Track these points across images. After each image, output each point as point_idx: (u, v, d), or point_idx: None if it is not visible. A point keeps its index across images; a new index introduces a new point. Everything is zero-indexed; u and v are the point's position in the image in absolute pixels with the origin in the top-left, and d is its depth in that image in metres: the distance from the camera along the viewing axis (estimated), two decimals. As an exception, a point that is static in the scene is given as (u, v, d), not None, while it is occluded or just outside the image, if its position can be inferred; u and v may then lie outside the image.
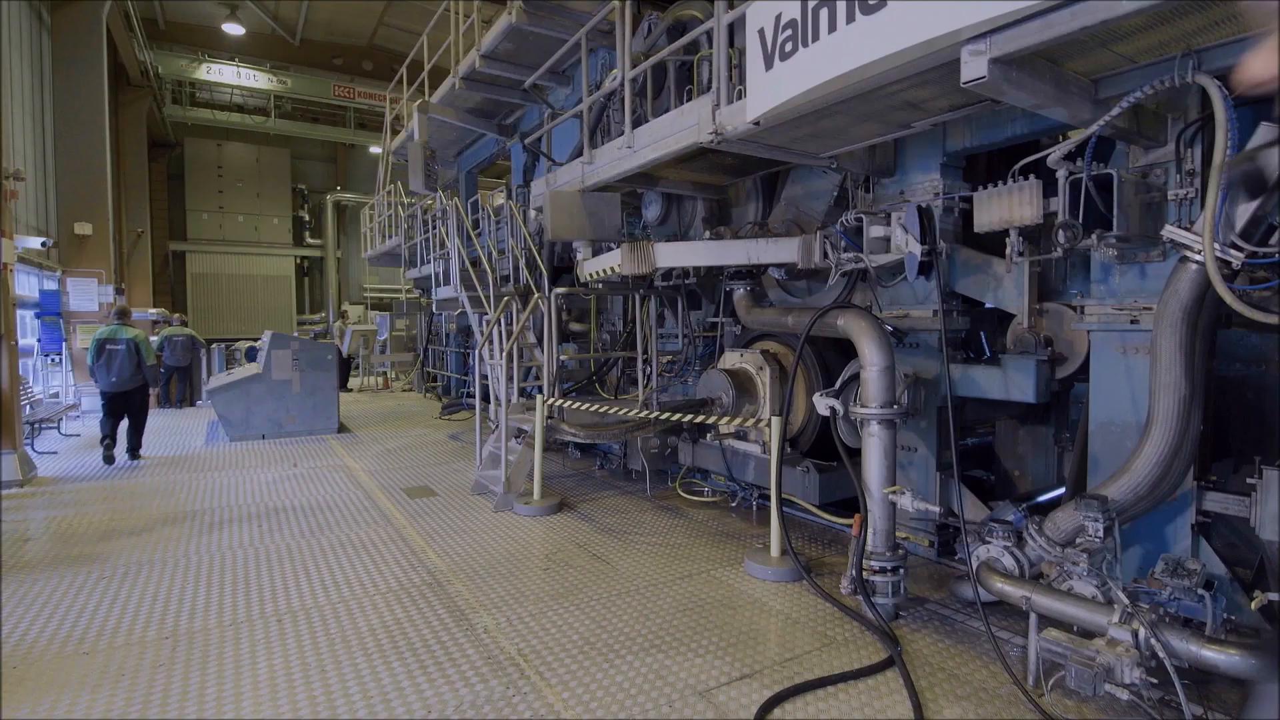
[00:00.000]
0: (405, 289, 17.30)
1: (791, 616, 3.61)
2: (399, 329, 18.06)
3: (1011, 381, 3.99)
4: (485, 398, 7.27)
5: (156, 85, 18.57)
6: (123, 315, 8.17)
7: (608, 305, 8.10)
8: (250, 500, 6.09)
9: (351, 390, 16.23)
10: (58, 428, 9.60)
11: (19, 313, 10.31)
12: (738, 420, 4.68)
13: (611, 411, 5.37)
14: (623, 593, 3.92)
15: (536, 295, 6.05)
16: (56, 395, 11.18)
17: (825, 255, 4.35)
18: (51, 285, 11.38)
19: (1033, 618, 2.88)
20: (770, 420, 4.25)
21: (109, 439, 7.76)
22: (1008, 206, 3.40)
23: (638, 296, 6.17)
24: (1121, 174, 3.08)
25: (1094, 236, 3.06)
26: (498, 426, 6.54)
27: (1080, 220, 3.11)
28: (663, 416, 4.89)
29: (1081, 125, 3.08)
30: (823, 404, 3.96)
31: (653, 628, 3.47)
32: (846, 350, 5.18)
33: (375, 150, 21.26)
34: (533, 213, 7.92)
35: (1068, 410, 4.89)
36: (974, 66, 2.50)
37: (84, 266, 12.03)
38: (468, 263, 8.39)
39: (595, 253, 5.73)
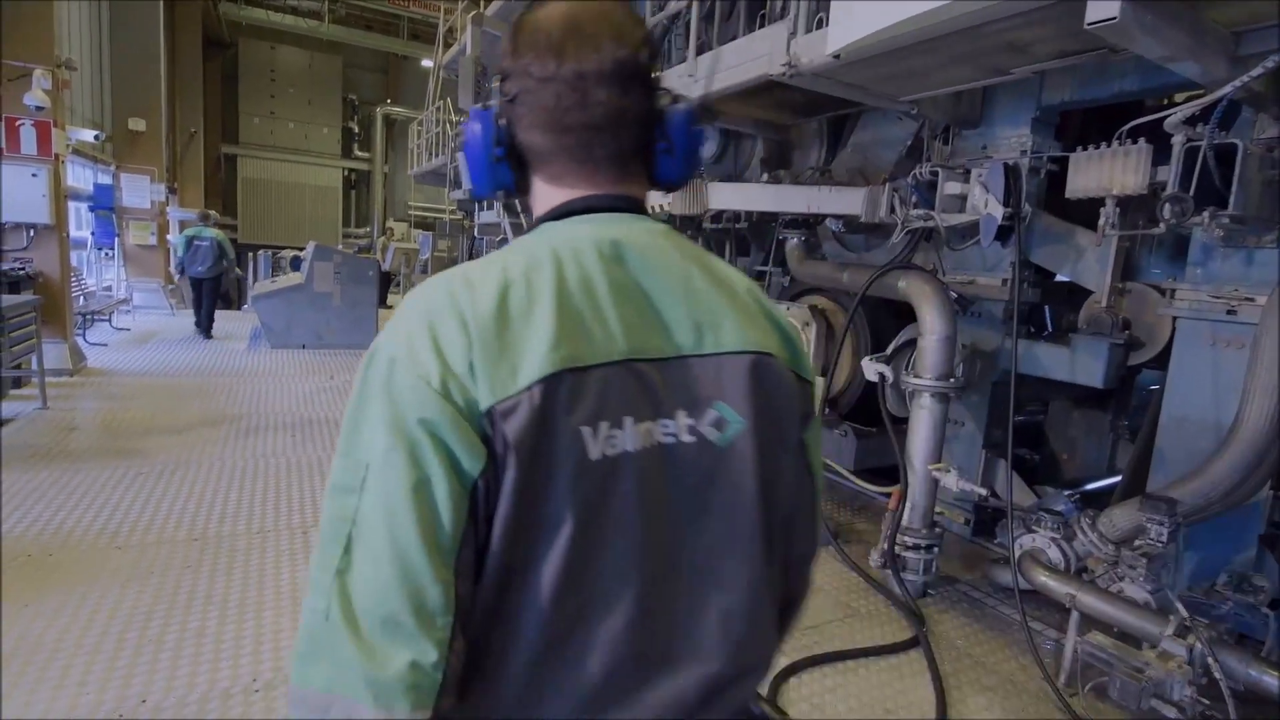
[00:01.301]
0: (449, 209, 17.15)
1: (815, 583, 3.50)
2: (440, 249, 18.03)
3: (1079, 363, 3.72)
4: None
5: (212, -20, 18.24)
6: (205, 218, 10.14)
7: (652, 244, 7.86)
8: (286, 409, 6.18)
9: (391, 307, 16.39)
10: (109, 320, 9.88)
11: (73, 205, 10.49)
12: (778, 377, 4.51)
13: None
14: (644, 540, 3.87)
15: (580, 228, 5.86)
16: (110, 289, 11.47)
17: (892, 210, 4.05)
18: (106, 179, 11.50)
19: (1074, 617, 2.72)
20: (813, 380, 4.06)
21: (202, 320, 9.68)
22: (1109, 172, 3.05)
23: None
24: (1247, 145, 2.72)
25: (1205, 214, 2.73)
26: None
27: (1190, 194, 2.78)
28: (700, 365, 4.73)
29: (1211, 85, 2.70)
30: (871, 369, 3.75)
31: (672, 580, 3.42)
32: (900, 313, 4.91)
33: (427, 64, 20.78)
34: (583, 140, 7.62)
35: (1130, 398, 4.60)
36: (1104, 6, 2.17)
37: (137, 163, 12.12)
38: (513, 188, 8.16)
39: (645, 188, 5.46)
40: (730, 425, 0.72)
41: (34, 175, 6.33)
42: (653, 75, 0.76)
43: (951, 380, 3.34)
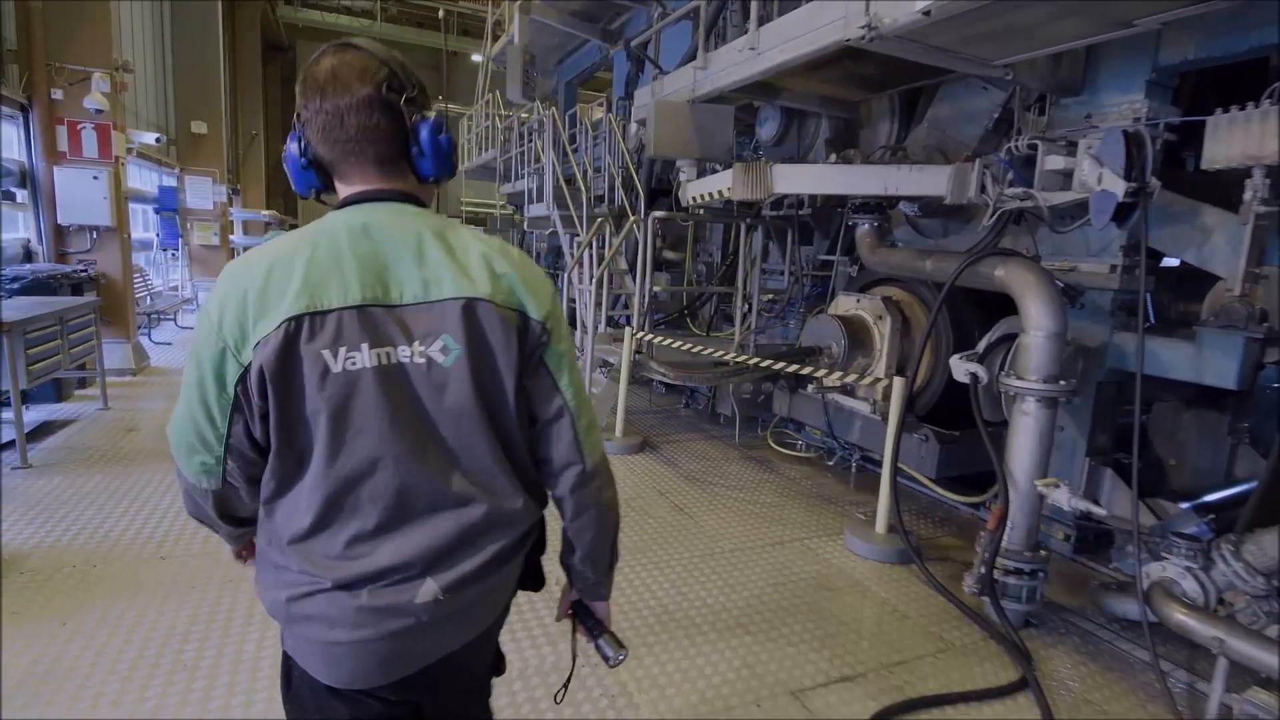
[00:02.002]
0: (499, 205, 17.11)
1: (899, 608, 3.16)
2: (492, 245, 17.99)
3: (1207, 361, 3.24)
4: (571, 321, 6.97)
5: (270, -16, 18.64)
6: (280, 222, 11.01)
7: (706, 233, 7.51)
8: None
9: (444, 303, 16.46)
10: (174, 320, 10.13)
11: (140, 207, 10.78)
12: (851, 376, 4.13)
13: (705, 352, 4.91)
14: (706, 555, 3.57)
15: (632, 218, 5.57)
16: (176, 288, 11.80)
17: (982, 189, 3.61)
18: (170, 182, 11.83)
19: (1222, 665, 2.30)
20: (891, 381, 3.68)
21: None
22: (1259, 137, 2.59)
23: (743, 226, 5.56)
24: None
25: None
26: (582, 355, 6.24)
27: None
28: (762, 363, 4.39)
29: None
30: (961, 368, 3.35)
31: (739, 602, 3.11)
32: (986, 304, 4.47)
33: (477, 59, 20.81)
34: (633, 127, 7.31)
35: (1252, 398, 4.04)
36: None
37: (200, 165, 12.42)
38: (562, 180, 7.95)
39: (700, 174, 5.14)
40: (452, 350, 1.03)
41: (95, 178, 6.42)
42: (401, 101, 1.04)
43: (1061, 383, 2.91)
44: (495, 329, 1.04)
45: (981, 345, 3.41)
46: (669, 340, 5.20)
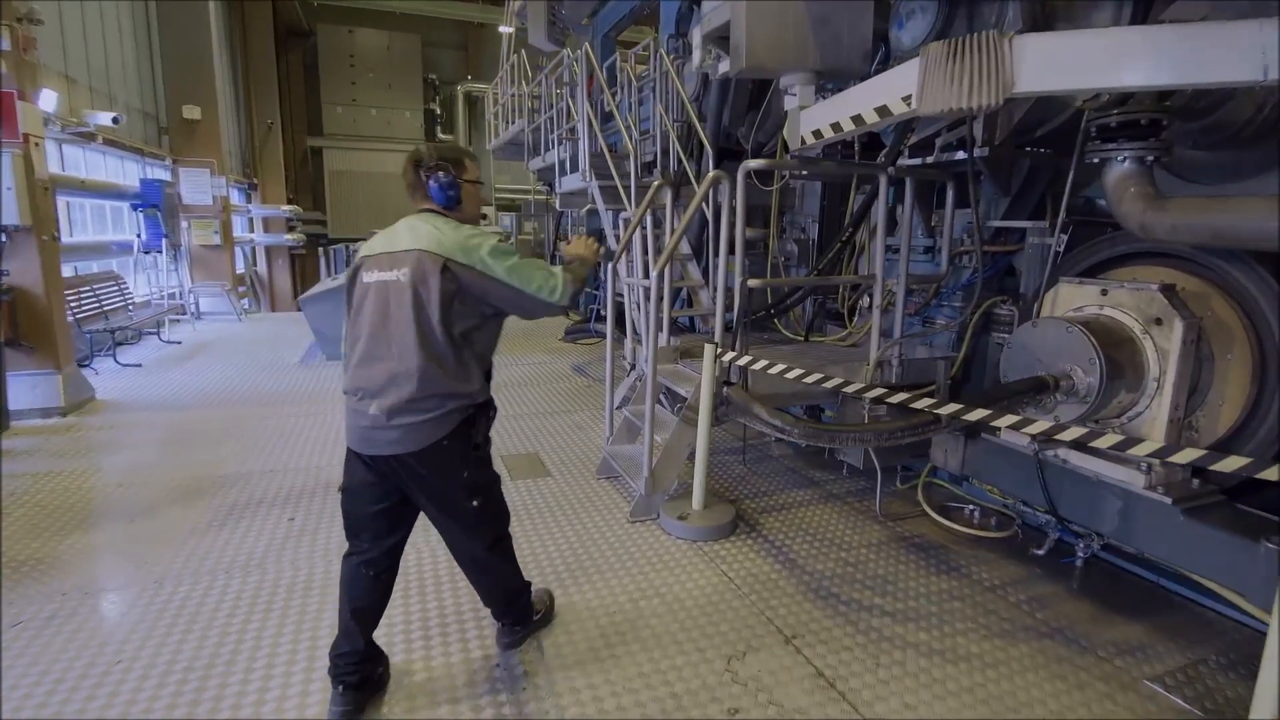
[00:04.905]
0: (533, 189, 15.47)
1: None
2: (526, 233, 16.43)
3: None
4: (619, 321, 5.21)
5: (280, -41, 17.23)
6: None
7: (796, 202, 5.59)
8: (306, 463, 4.49)
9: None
10: (158, 334, 8.76)
11: (115, 204, 9.41)
12: (1148, 449, 2.22)
13: (843, 386, 3.03)
14: (916, 835, 1.75)
15: (714, 173, 3.70)
16: (173, 296, 10.41)
17: None
18: (160, 174, 10.47)
19: None
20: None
21: None
22: None
23: (882, 179, 3.63)
24: None
25: None
26: (639, 379, 4.46)
27: None
28: (964, 416, 2.49)
29: None
30: None
31: None
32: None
33: (505, 30, 19.10)
34: (695, 58, 5.43)
35: None
36: None
37: (195, 155, 11.05)
38: (602, 142, 6.16)
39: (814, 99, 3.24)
40: (408, 275, 2.02)
41: (-9, 163, 4.92)
42: (420, 170, 2.17)
43: None
44: (427, 265, 2.02)
45: None
46: (765, 361, 3.34)
